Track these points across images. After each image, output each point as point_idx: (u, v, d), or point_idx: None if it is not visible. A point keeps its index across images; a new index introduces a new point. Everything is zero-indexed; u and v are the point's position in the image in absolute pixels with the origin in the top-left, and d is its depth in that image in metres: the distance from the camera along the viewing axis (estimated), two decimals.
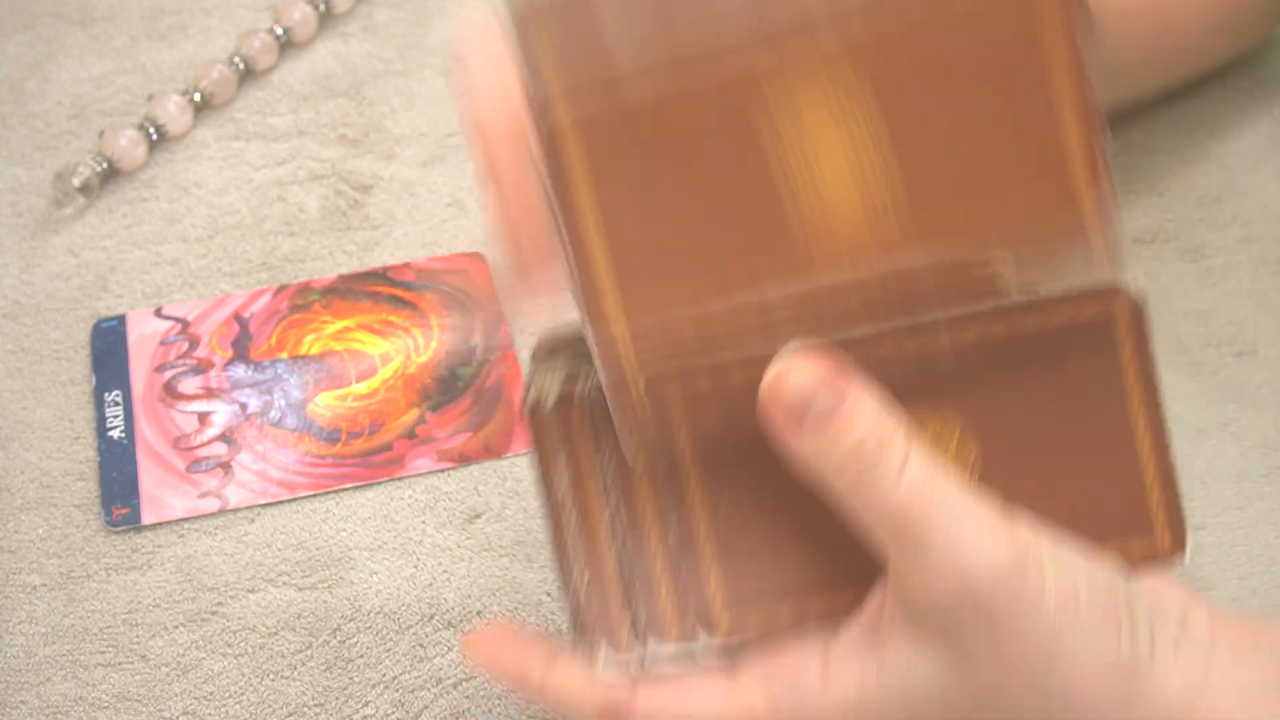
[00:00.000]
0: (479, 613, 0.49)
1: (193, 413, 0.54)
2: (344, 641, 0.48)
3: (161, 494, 0.52)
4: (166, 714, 0.47)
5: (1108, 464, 0.42)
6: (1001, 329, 0.40)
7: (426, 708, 0.47)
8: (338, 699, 0.47)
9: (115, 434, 0.53)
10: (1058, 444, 0.41)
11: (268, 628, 0.49)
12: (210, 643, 0.48)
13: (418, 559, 0.50)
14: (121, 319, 0.56)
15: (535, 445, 0.40)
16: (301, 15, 0.65)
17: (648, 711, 0.40)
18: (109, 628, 0.49)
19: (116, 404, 0.54)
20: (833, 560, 0.40)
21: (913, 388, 0.40)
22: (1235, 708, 0.37)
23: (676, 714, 0.40)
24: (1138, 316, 0.41)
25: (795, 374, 0.37)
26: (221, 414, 0.54)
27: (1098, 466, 0.42)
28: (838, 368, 0.37)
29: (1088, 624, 0.37)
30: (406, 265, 0.58)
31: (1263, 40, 0.63)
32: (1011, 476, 0.41)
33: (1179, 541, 0.42)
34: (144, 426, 0.53)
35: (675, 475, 0.40)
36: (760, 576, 0.40)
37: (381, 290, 0.57)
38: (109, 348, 0.56)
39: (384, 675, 0.48)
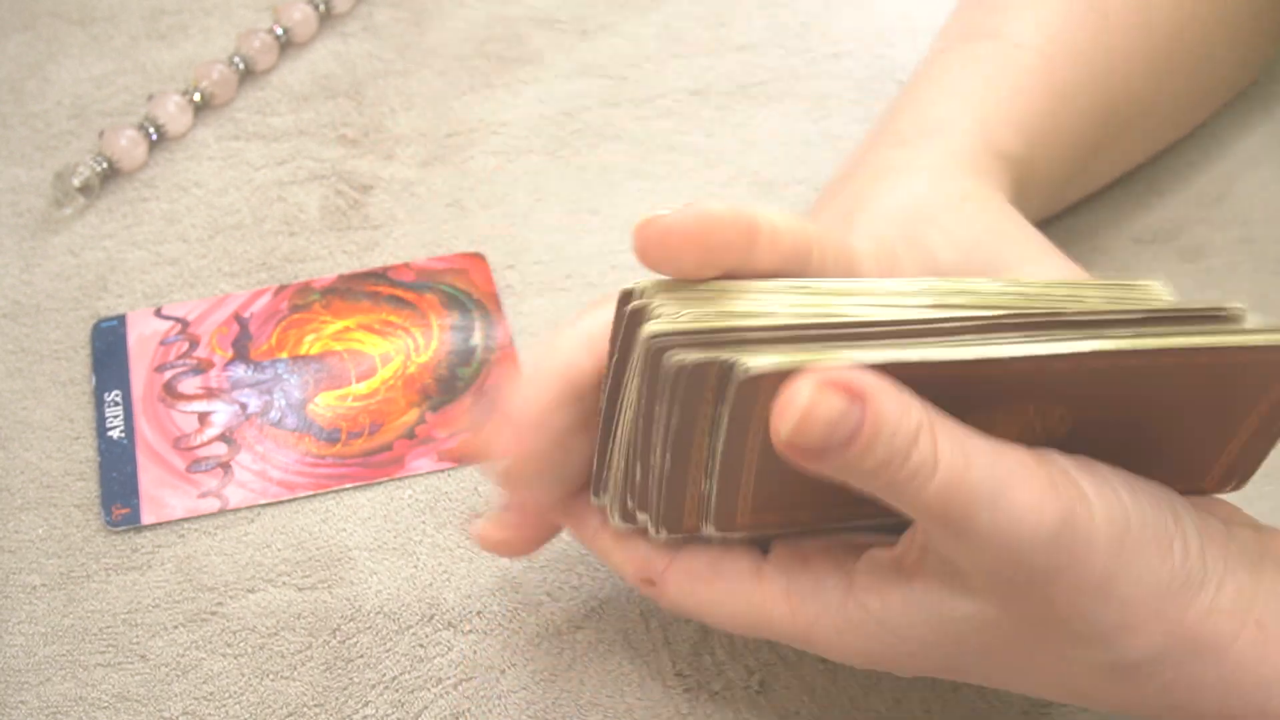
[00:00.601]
0: (479, 613, 0.49)
1: (193, 413, 0.54)
2: (344, 641, 0.48)
3: (161, 494, 0.52)
4: (166, 714, 0.47)
5: (1187, 454, 0.41)
6: (1169, 361, 0.38)
7: (426, 708, 0.47)
8: (338, 699, 0.47)
9: (115, 434, 0.53)
10: (1150, 433, 0.40)
11: (268, 628, 0.49)
12: (210, 643, 0.48)
13: (418, 559, 0.50)
14: (121, 319, 0.56)
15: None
16: (301, 15, 0.65)
17: (677, 589, 0.41)
18: (109, 628, 0.49)
19: (116, 404, 0.54)
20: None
21: (1019, 391, 0.38)
22: None
23: (702, 598, 0.41)
24: None
25: (808, 413, 0.34)
26: (221, 414, 0.54)
27: (1178, 456, 0.41)
28: (850, 391, 0.35)
29: (1140, 550, 0.37)
30: (406, 265, 0.58)
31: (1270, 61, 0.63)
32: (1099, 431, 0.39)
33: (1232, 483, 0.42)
34: (144, 426, 0.53)
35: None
36: (784, 491, 0.39)
37: (381, 290, 0.57)
38: (109, 348, 0.56)
39: (384, 675, 0.48)
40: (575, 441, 0.41)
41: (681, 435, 0.38)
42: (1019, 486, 0.36)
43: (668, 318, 0.38)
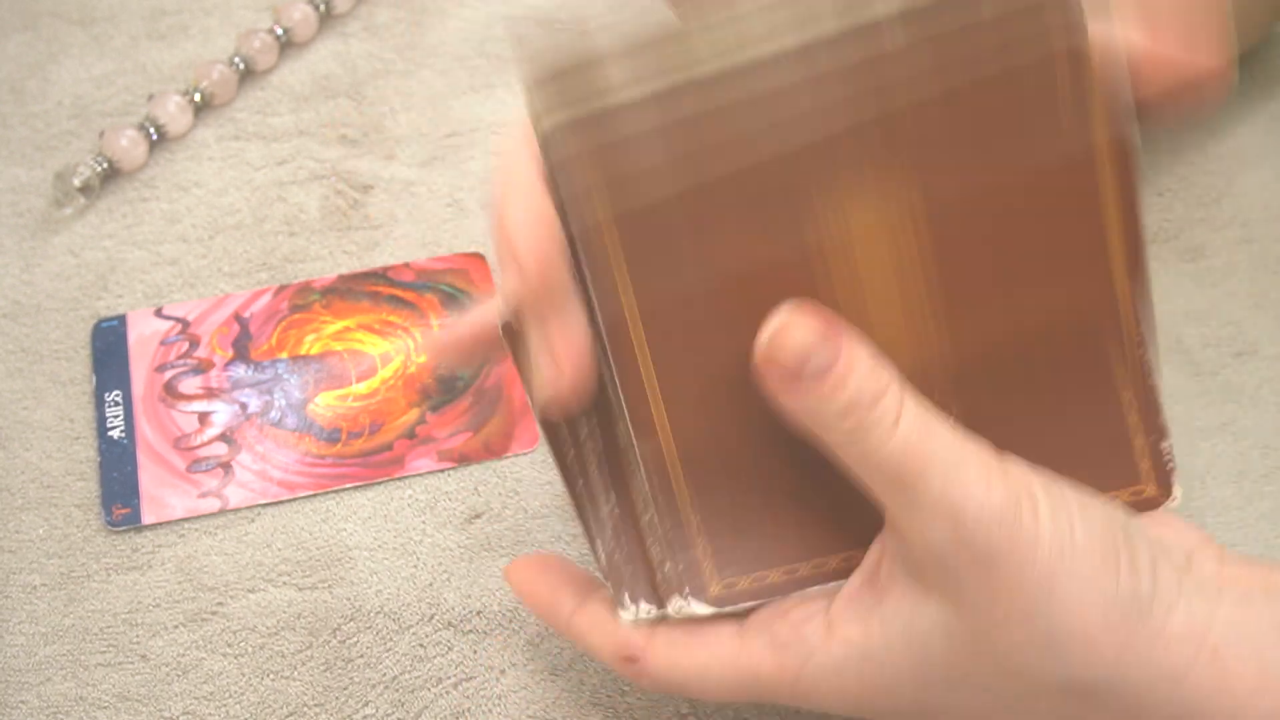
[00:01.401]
0: (479, 613, 0.49)
1: (193, 413, 0.54)
2: (344, 641, 0.48)
3: (162, 494, 0.52)
4: (167, 714, 0.47)
5: (1092, 413, 0.42)
6: (961, 50, 0.37)
7: (426, 708, 0.47)
8: (338, 699, 0.47)
9: (115, 434, 0.53)
10: (1042, 385, 0.41)
11: (268, 628, 0.49)
12: (210, 643, 0.48)
13: (418, 559, 0.50)
14: (122, 319, 0.57)
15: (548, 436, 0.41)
16: (302, 15, 0.65)
17: (659, 664, 0.41)
18: (109, 628, 0.49)
19: (117, 404, 0.54)
20: (821, 527, 0.41)
21: (858, 130, 0.38)
22: (1242, 648, 0.37)
23: (687, 668, 0.41)
24: (1124, 152, 0.39)
25: (791, 332, 0.37)
26: (222, 414, 0.54)
27: (1082, 415, 0.42)
28: (832, 324, 0.37)
29: (1084, 560, 0.37)
30: (406, 265, 0.58)
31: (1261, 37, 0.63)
32: (998, 431, 0.40)
33: (1165, 490, 0.43)
34: (144, 426, 0.53)
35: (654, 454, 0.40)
36: (748, 546, 0.41)
37: (381, 290, 0.57)
38: (109, 348, 0.56)
39: (384, 675, 0.48)
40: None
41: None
42: (972, 464, 0.37)
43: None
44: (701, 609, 0.41)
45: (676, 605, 0.41)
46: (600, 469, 0.41)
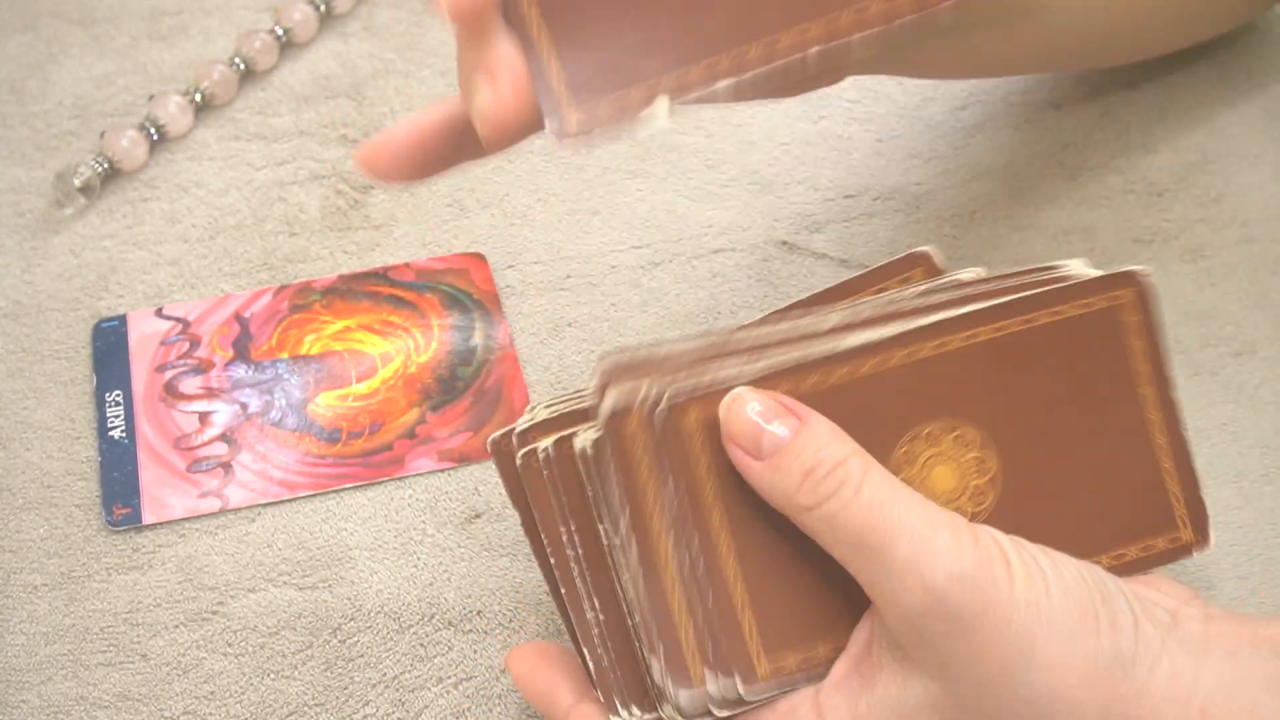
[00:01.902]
0: (479, 613, 0.49)
1: (193, 413, 0.54)
2: (344, 641, 0.48)
3: (162, 494, 0.52)
4: (167, 713, 0.47)
5: (1126, 460, 0.42)
6: (1016, 324, 0.40)
7: (426, 708, 0.47)
8: (338, 699, 0.47)
9: (116, 434, 0.53)
10: (1076, 443, 0.41)
11: (268, 627, 0.49)
12: (211, 642, 0.48)
13: (418, 559, 0.50)
14: (122, 319, 0.57)
15: (535, 497, 0.41)
16: (302, 15, 0.65)
17: None
18: (110, 627, 0.49)
19: (117, 404, 0.54)
20: (828, 605, 0.41)
21: (921, 402, 0.40)
22: (1231, 705, 0.37)
23: None
24: (1146, 299, 0.42)
25: (744, 406, 0.38)
26: (222, 414, 0.54)
27: (1117, 465, 0.42)
28: (791, 404, 0.38)
29: (1062, 620, 0.37)
30: (406, 265, 0.58)
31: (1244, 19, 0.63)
32: (1034, 483, 0.41)
33: (1201, 534, 0.43)
34: (145, 426, 0.53)
35: (695, 513, 0.39)
36: (789, 623, 0.40)
37: (381, 290, 0.57)
38: (110, 348, 0.56)
39: (384, 675, 0.48)
40: None
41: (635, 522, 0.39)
42: (941, 529, 0.37)
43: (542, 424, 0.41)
44: (745, 692, 0.40)
45: (669, 712, 0.40)
46: (582, 576, 0.41)
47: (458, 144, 0.43)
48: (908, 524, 0.37)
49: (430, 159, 0.42)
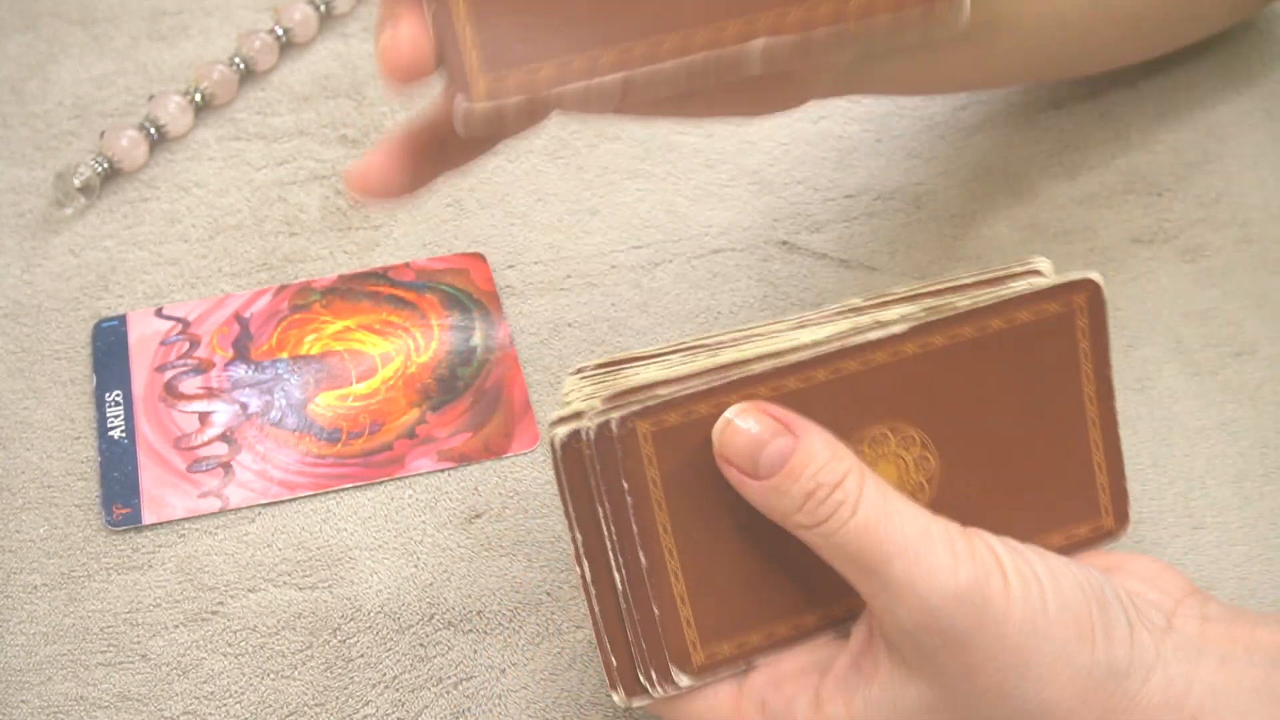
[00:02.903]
0: (479, 613, 0.49)
1: (193, 413, 0.54)
2: (344, 641, 0.48)
3: (162, 494, 0.52)
4: (167, 713, 0.47)
5: (1062, 455, 0.43)
6: (968, 332, 0.41)
7: (426, 708, 0.47)
8: (338, 699, 0.47)
9: (116, 434, 0.53)
10: (1015, 437, 0.43)
11: (268, 627, 0.49)
12: (211, 642, 0.48)
13: (418, 559, 0.50)
14: (122, 319, 0.57)
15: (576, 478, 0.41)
16: (302, 16, 0.65)
17: (660, 704, 0.41)
18: (110, 627, 0.49)
19: (117, 404, 0.54)
20: (796, 587, 0.42)
21: (870, 404, 0.41)
22: (1222, 714, 0.37)
23: (682, 714, 0.42)
24: (1096, 304, 0.42)
25: (741, 428, 0.38)
26: (222, 414, 0.54)
27: (1052, 456, 0.43)
28: (784, 417, 0.39)
29: (1057, 633, 0.37)
30: (406, 265, 0.58)
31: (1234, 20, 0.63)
32: (972, 477, 0.42)
33: (1122, 519, 0.44)
34: (145, 426, 0.53)
35: (643, 510, 0.40)
36: (729, 610, 0.41)
37: (381, 290, 0.57)
38: (110, 348, 0.56)
39: (384, 675, 0.48)
40: None
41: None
42: (937, 545, 0.37)
43: (565, 408, 0.41)
44: (685, 680, 0.41)
45: (664, 686, 0.41)
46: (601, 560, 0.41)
47: (440, 148, 0.43)
48: (902, 541, 0.37)
49: (417, 168, 0.43)
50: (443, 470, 0.52)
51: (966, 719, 0.38)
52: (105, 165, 0.60)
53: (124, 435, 0.53)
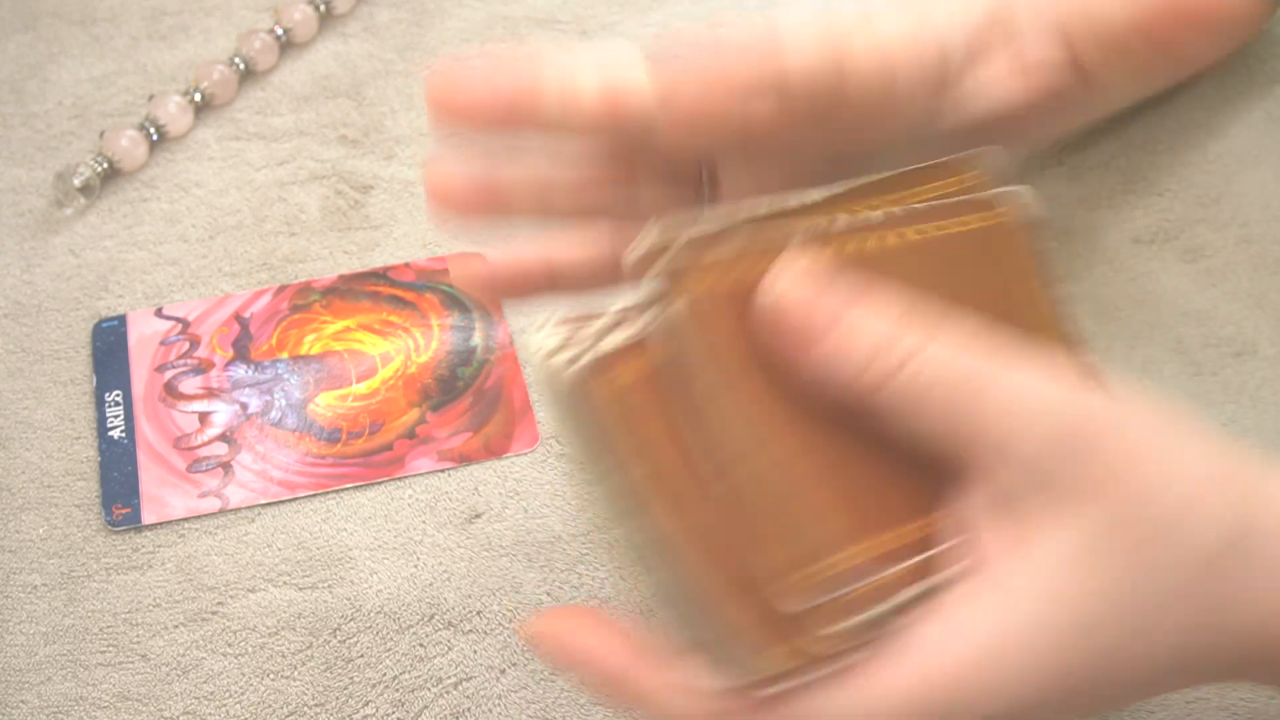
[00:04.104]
0: (479, 613, 0.49)
1: (193, 413, 0.54)
2: (344, 641, 0.48)
3: (162, 494, 0.52)
4: (167, 714, 0.47)
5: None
6: (933, 230, 0.39)
7: (426, 708, 0.47)
8: (338, 699, 0.47)
9: (116, 434, 0.53)
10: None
11: (268, 627, 0.49)
12: (211, 642, 0.48)
13: (418, 559, 0.50)
14: (122, 319, 0.57)
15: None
16: (302, 16, 0.65)
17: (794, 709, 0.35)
18: (109, 627, 0.49)
19: (117, 404, 0.54)
20: (885, 496, 0.36)
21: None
22: None
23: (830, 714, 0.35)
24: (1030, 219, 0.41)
25: (793, 283, 0.34)
26: (222, 414, 0.54)
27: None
28: (833, 271, 0.34)
29: (1169, 429, 0.35)
30: (406, 265, 0.58)
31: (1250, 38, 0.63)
32: None
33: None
34: (144, 426, 0.53)
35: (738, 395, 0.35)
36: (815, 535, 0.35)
37: (382, 290, 0.57)
38: (109, 348, 0.56)
39: (384, 675, 0.48)
40: None
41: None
42: (1023, 364, 0.34)
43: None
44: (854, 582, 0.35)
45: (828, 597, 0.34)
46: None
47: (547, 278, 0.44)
48: (989, 370, 0.34)
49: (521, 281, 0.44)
50: (443, 470, 0.52)
51: (1122, 547, 0.34)
52: (105, 165, 0.60)
53: (124, 435, 0.53)
